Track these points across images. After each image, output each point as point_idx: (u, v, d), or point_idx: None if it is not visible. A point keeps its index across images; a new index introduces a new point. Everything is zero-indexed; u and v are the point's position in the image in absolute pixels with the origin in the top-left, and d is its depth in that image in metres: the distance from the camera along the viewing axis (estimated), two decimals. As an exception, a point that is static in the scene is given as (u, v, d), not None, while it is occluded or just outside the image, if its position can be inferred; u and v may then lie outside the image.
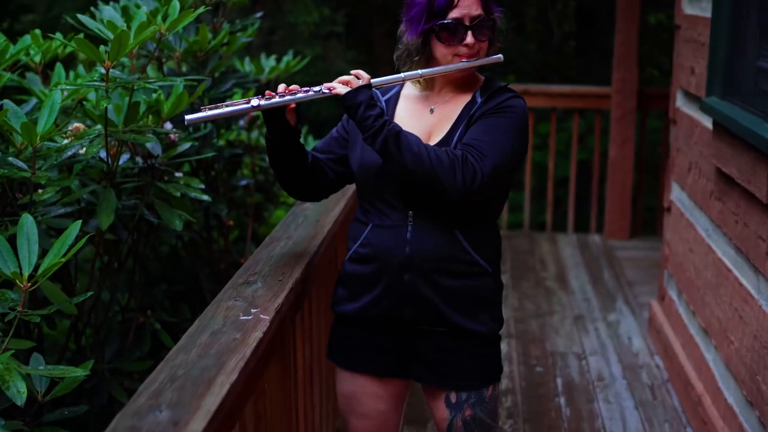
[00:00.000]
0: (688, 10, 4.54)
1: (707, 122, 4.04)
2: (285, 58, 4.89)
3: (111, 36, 2.91)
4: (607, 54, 10.02)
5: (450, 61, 2.45)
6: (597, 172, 7.25)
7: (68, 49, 4.04)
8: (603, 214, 7.13)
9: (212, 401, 1.75)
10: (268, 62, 4.87)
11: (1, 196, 3.21)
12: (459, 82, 2.54)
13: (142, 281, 4.68)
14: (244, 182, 4.50)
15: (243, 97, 4.35)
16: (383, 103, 2.59)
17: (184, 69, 3.95)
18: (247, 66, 4.79)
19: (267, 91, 2.43)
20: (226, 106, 2.39)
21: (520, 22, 12.48)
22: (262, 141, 5.13)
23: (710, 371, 3.85)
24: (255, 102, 2.38)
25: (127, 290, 4.04)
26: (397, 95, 2.62)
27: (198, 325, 2.13)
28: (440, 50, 2.45)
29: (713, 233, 3.93)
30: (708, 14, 4.08)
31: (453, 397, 2.57)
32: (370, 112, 2.36)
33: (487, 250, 2.52)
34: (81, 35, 3.96)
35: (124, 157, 3.34)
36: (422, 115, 2.53)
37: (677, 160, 4.71)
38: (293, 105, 2.45)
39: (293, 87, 2.44)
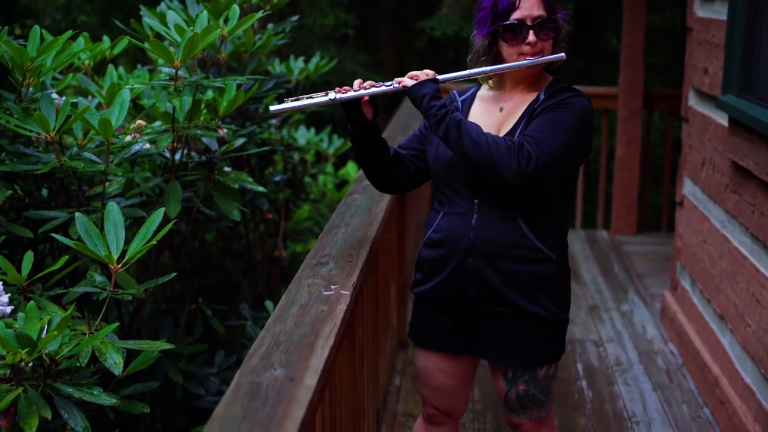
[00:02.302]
0: (701, 13, 4.78)
1: (722, 119, 4.28)
2: (313, 60, 5.10)
3: (178, 38, 3.13)
4: (606, 56, 10.27)
5: (515, 60, 2.66)
6: (604, 170, 7.49)
7: (116, 51, 4.24)
8: (610, 211, 7.37)
9: (317, 361, 1.97)
10: (297, 64, 5.09)
11: (67, 188, 3.42)
12: (527, 82, 2.75)
13: (180, 273, 4.89)
14: (277, 178, 4.71)
15: (278, 98, 4.56)
16: (459, 103, 2.82)
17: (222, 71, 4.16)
18: (278, 67, 5.00)
19: (344, 86, 2.65)
20: (306, 98, 2.61)
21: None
22: (291, 139, 5.35)
23: (726, 354, 4.08)
24: (332, 95, 2.60)
25: (171, 280, 4.25)
26: (473, 96, 2.85)
27: (286, 299, 2.35)
28: (505, 50, 2.67)
29: (728, 224, 4.17)
30: (721, 17, 4.33)
31: (509, 372, 2.80)
32: (434, 102, 2.59)
33: (551, 238, 2.71)
34: (127, 38, 4.17)
35: (182, 152, 3.55)
36: (493, 113, 2.75)
37: (690, 156, 4.94)
38: (367, 98, 2.67)
39: (367, 82, 2.67)
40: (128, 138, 3.33)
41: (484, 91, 2.86)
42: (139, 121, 3.43)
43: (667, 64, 11.21)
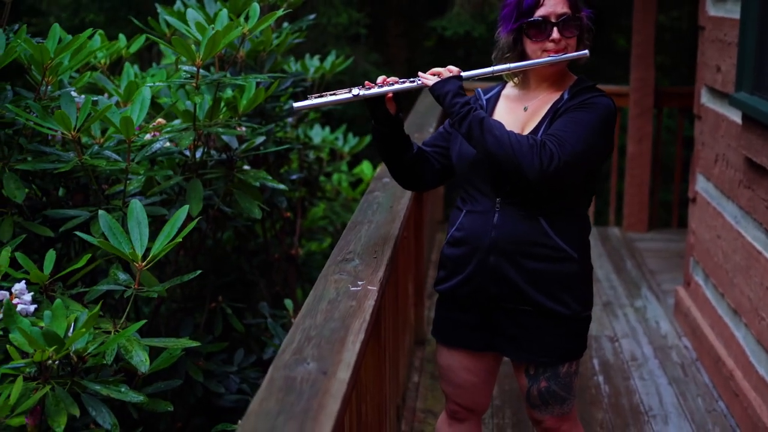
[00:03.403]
0: (713, 12, 4.79)
1: (735, 116, 4.29)
2: (329, 59, 5.11)
3: (199, 37, 3.14)
4: (613, 54, 10.28)
5: (539, 57, 2.67)
6: (616, 167, 7.50)
7: (132, 49, 4.25)
8: (622, 208, 7.37)
9: (349, 356, 1.98)
10: (313, 62, 5.10)
11: (85, 187, 3.44)
12: (551, 80, 2.75)
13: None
14: (294, 176, 4.72)
15: (294, 96, 4.57)
16: (484, 101, 2.83)
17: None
18: (294, 66, 5.01)
19: (366, 82, 2.66)
20: (330, 95, 2.63)
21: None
22: (306, 138, 5.36)
23: (740, 348, 4.09)
24: (356, 91, 2.61)
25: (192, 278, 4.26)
26: (497, 95, 2.85)
27: (314, 295, 2.36)
28: (529, 46, 2.67)
29: (742, 219, 4.18)
30: (733, 15, 4.35)
31: (531, 370, 2.81)
32: (457, 100, 2.60)
33: (572, 237, 2.72)
34: (143, 36, 4.18)
35: (202, 151, 3.57)
36: (517, 112, 2.76)
37: (702, 153, 4.95)
38: (390, 95, 2.68)
39: (391, 78, 2.68)
40: (148, 136, 3.34)
41: (509, 89, 2.86)
42: (159, 120, 3.45)
43: (675, 63, 11.22)
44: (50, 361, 2.36)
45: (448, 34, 8.61)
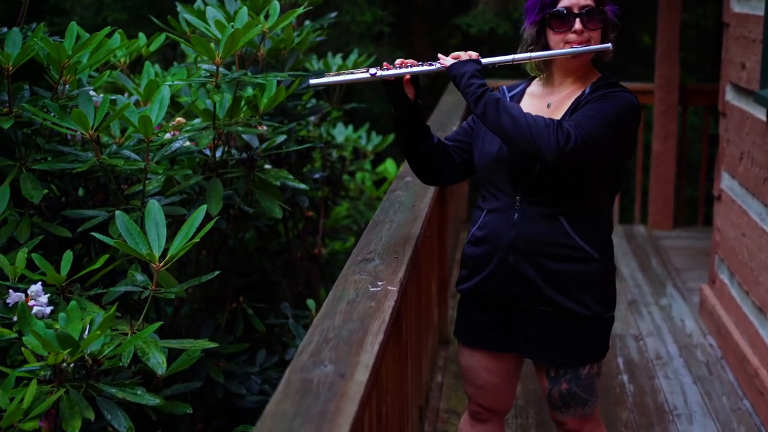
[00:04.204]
0: (737, 8, 4.73)
1: (760, 113, 4.23)
2: (351, 57, 5.08)
3: (218, 35, 3.12)
4: (639, 51, 10.19)
5: (561, 49, 2.63)
6: (640, 165, 7.43)
7: (152, 48, 4.24)
8: (647, 206, 7.31)
9: (367, 358, 1.95)
10: (335, 60, 5.07)
11: (105, 187, 3.42)
12: (575, 75, 2.71)
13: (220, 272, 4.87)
14: (317, 175, 4.70)
15: (317, 95, 4.55)
16: (508, 98, 2.79)
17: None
18: (316, 64, 4.98)
19: (384, 63, 2.63)
20: (348, 73, 2.59)
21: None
22: (329, 136, 5.33)
23: (765, 345, 4.05)
24: (373, 71, 2.58)
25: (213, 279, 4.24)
26: (522, 92, 2.81)
27: (333, 296, 2.33)
28: (552, 38, 2.63)
29: (767, 217, 4.12)
30: (758, 12, 4.30)
31: (552, 371, 2.77)
32: (473, 81, 2.56)
33: (594, 236, 2.67)
34: (163, 34, 4.16)
35: (220, 150, 3.55)
36: (541, 109, 2.71)
37: (727, 150, 4.89)
38: (408, 78, 2.64)
39: (409, 61, 2.64)
40: (168, 136, 3.32)
41: (534, 87, 2.82)
42: (178, 119, 3.43)
43: (700, 60, 11.11)
44: (65, 364, 2.33)
45: (473, 31, 8.54)
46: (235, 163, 3.50)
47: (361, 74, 2.61)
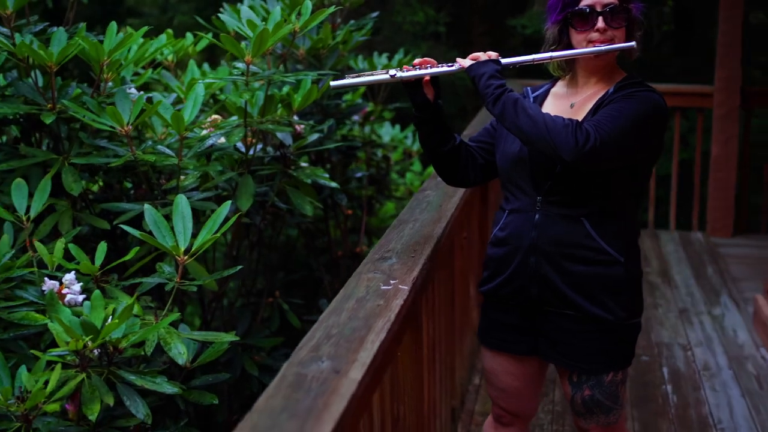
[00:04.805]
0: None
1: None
2: (397, 56, 5.09)
3: (251, 34, 3.16)
4: (706, 53, 9.99)
5: (584, 48, 2.59)
6: (698, 170, 7.28)
7: (199, 48, 4.32)
8: (705, 212, 7.15)
9: (366, 355, 1.95)
10: (381, 60, 5.08)
11: (147, 182, 3.49)
12: (599, 76, 2.66)
13: (260, 267, 4.94)
14: (359, 174, 4.71)
15: (364, 96, 4.57)
16: (531, 99, 2.76)
17: (300, 66, 4.19)
18: (361, 63, 5.01)
19: (404, 65, 2.63)
20: (367, 75, 2.61)
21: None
22: (375, 136, 5.35)
23: (819, 361, 3.92)
24: (392, 72, 2.58)
25: (253, 274, 4.31)
26: (546, 93, 2.78)
27: (344, 293, 2.33)
28: (575, 37, 2.60)
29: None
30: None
31: (574, 377, 2.72)
32: (491, 81, 2.54)
33: (618, 239, 2.62)
34: (209, 34, 4.24)
35: (257, 147, 3.59)
36: (564, 109, 2.68)
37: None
38: (428, 78, 2.64)
39: (429, 61, 2.64)
40: (204, 132, 3.37)
41: (558, 87, 2.79)
42: (214, 116, 3.48)
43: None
44: (87, 350, 2.39)
45: (528, 32, 8.48)
46: (269, 160, 3.53)
47: (380, 75, 2.62)
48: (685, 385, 4.43)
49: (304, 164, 3.78)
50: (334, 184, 3.43)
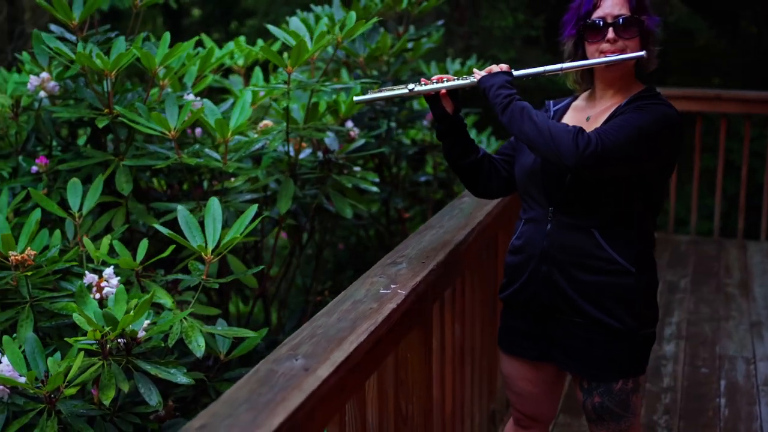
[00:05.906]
0: None
1: None
2: (468, 62, 5.17)
3: (294, 44, 3.31)
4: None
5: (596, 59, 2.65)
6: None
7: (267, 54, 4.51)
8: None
9: (339, 355, 2.06)
10: (453, 65, 5.17)
11: (198, 184, 3.69)
12: (615, 88, 2.71)
13: (331, 267, 5.12)
14: (423, 178, 4.81)
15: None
16: (552, 113, 2.84)
17: (368, 72, 4.33)
18: (433, 69, 5.10)
19: (422, 79, 2.74)
20: (388, 90, 2.72)
21: (734, 25, 12.18)
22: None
23: None
24: (411, 86, 2.70)
25: (311, 275, 4.47)
26: (566, 106, 2.86)
27: (344, 295, 2.45)
28: (588, 49, 2.66)
29: None
30: None
31: (585, 383, 2.77)
32: (501, 91, 2.62)
33: (629, 250, 2.66)
34: (278, 41, 4.43)
35: (307, 152, 3.74)
36: (580, 121, 2.74)
37: None
38: (444, 92, 2.74)
39: (446, 76, 2.74)
40: (254, 136, 3.55)
41: (579, 101, 2.85)
42: (265, 122, 3.65)
43: None
44: (107, 340, 2.58)
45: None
46: (317, 164, 3.68)
47: (400, 90, 2.73)
48: (740, 399, 4.37)
49: (357, 169, 3.91)
50: (374, 188, 3.55)
